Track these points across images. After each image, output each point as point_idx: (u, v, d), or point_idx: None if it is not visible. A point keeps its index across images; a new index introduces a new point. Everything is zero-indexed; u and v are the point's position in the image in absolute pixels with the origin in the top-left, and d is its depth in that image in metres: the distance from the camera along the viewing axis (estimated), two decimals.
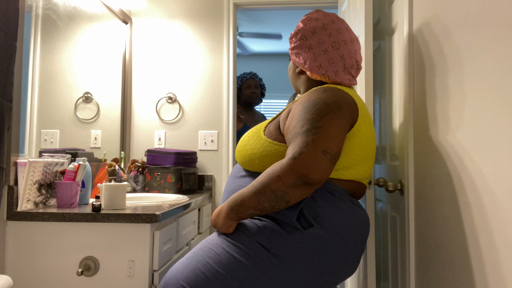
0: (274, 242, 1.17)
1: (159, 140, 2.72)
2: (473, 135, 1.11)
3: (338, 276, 1.22)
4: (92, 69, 2.22)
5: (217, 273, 1.16)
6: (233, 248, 1.19)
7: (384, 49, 2.05)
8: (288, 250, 1.16)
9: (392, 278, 1.91)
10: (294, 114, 1.25)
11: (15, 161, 1.54)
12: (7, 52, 1.42)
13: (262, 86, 3.39)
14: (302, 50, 1.42)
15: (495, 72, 1.00)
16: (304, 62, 1.41)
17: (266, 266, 1.15)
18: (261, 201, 1.13)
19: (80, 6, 2.11)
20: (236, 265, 1.16)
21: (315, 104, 1.22)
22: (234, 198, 1.19)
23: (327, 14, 1.44)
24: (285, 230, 1.18)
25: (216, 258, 1.18)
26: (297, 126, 1.19)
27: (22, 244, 1.51)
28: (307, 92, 1.33)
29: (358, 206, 1.28)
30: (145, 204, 1.71)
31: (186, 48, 2.75)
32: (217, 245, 1.21)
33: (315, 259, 1.16)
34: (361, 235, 1.25)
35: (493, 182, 1.01)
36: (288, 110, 1.33)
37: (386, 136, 2.00)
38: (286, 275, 1.15)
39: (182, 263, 1.25)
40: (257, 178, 1.17)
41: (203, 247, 1.24)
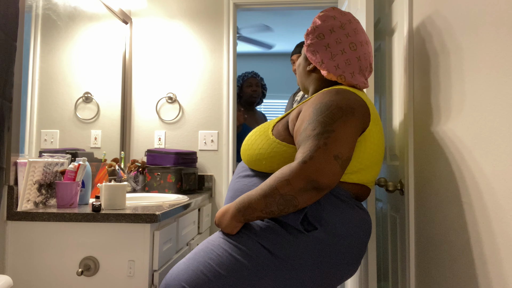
0: (276, 244, 1.16)
1: (159, 140, 2.72)
2: (473, 135, 1.11)
3: (339, 278, 1.22)
4: (92, 69, 2.22)
5: (219, 274, 1.15)
6: (234, 249, 1.18)
7: (384, 49, 2.05)
8: (291, 252, 1.15)
9: (392, 278, 1.91)
10: (305, 115, 1.22)
11: (15, 161, 1.54)
12: (7, 52, 1.42)
13: (263, 85, 3.39)
14: (319, 48, 1.36)
15: (495, 72, 1.00)
16: (321, 61, 1.35)
17: (267, 268, 1.14)
18: (269, 205, 1.12)
19: (80, 6, 2.11)
20: (238, 266, 1.15)
21: (328, 106, 1.18)
22: (242, 199, 1.18)
23: (344, 12, 1.40)
24: (288, 232, 1.17)
25: (218, 259, 1.18)
26: (308, 129, 1.16)
27: (22, 244, 1.51)
28: (318, 93, 1.29)
29: (362, 209, 1.27)
30: (145, 204, 1.71)
31: (186, 48, 2.75)
32: (219, 246, 1.21)
33: (317, 262, 1.16)
34: (364, 238, 1.24)
35: (493, 182, 1.01)
36: (298, 110, 1.29)
37: (386, 136, 2.00)
38: (288, 277, 1.15)
39: (183, 264, 1.24)
40: (266, 181, 1.15)
41: (205, 248, 1.23)
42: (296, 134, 1.22)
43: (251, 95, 3.25)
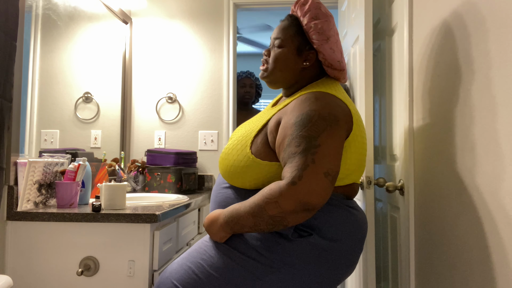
0: (270, 249, 1.14)
1: (159, 140, 2.72)
2: (473, 134, 1.11)
3: (337, 280, 1.21)
4: (92, 69, 2.22)
5: (210, 275, 1.15)
6: (227, 251, 1.17)
7: (384, 49, 2.05)
8: (285, 257, 1.13)
9: (392, 278, 1.91)
10: (286, 128, 1.13)
11: (15, 161, 1.54)
12: (7, 52, 1.42)
13: (259, 86, 3.34)
14: (322, 43, 1.26)
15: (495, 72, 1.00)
16: (325, 58, 1.27)
17: (260, 271, 1.13)
18: (257, 223, 1.09)
19: (80, 6, 2.11)
20: (230, 268, 1.14)
21: (310, 118, 1.11)
22: (230, 214, 1.14)
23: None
24: (282, 237, 1.15)
25: (210, 260, 1.17)
26: (292, 145, 1.09)
27: (22, 244, 1.51)
28: (296, 101, 1.20)
29: (355, 209, 1.25)
30: (145, 204, 1.71)
31: (186, 48, 2.75)
32: (212, 247, 1.20)
33: (312, 267, 1.14)
34: (359, 238, 1.22)
35: (493, 182, 1.01)
36: (276, 120, 1.20)
37: (386, 136, 2.00)
38: (281, 280, 1.13)
39: (177, 263, 1.25)
40: (253, 198, 1.11)
41: (198, 248, 1.23)
42: (279, 150, 1.14)
43: (243, 96, 3.22)
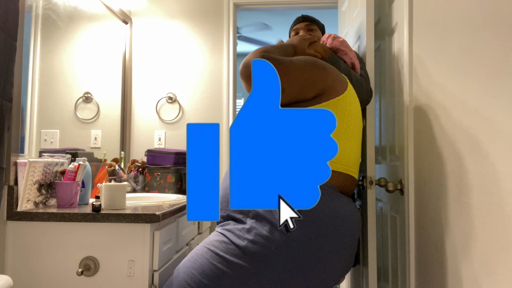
0: (256, 251, 1.15)
1: (159, 140, 2.72)
2: (473, 135, 1.11)
3: (328, 275, 1.20)
4: (92, 69, 2.22)
5: (201, 284, 1.18)
6: (216, 258, 1.19)
7: (384, 49, 2.04)
8: (270, 256, 1.14)
9: (392, 278, 1.91)
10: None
11: (15, 161, 1.54)
12: (7, 52, 1.42)
13: None
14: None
15: (495, 72, 1.00)
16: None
17: (248, 274, 1.15)
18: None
19: (80, 6, 2.11)
20: (219, 275, 1.17)
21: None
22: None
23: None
24: (267, 240, 1.15)
25: (200, 268, 1.20)
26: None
27: (22, 244, 1.51)
28: None
29: (343, 198, 1.24)
30: (145, 204, 1.71)
31: (186, 48, 2.75)
32: (202, 255, 1.23)
33: (297, 263, 1.15)
34: (346, 230, 1.22)
35: (493, 182, 1.01)
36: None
37: (386, 136, 2.00)
38: (270, 281, 1.15)
39: (176, 271, 1.30)
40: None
41: (190, 258, 1.27)
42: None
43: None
